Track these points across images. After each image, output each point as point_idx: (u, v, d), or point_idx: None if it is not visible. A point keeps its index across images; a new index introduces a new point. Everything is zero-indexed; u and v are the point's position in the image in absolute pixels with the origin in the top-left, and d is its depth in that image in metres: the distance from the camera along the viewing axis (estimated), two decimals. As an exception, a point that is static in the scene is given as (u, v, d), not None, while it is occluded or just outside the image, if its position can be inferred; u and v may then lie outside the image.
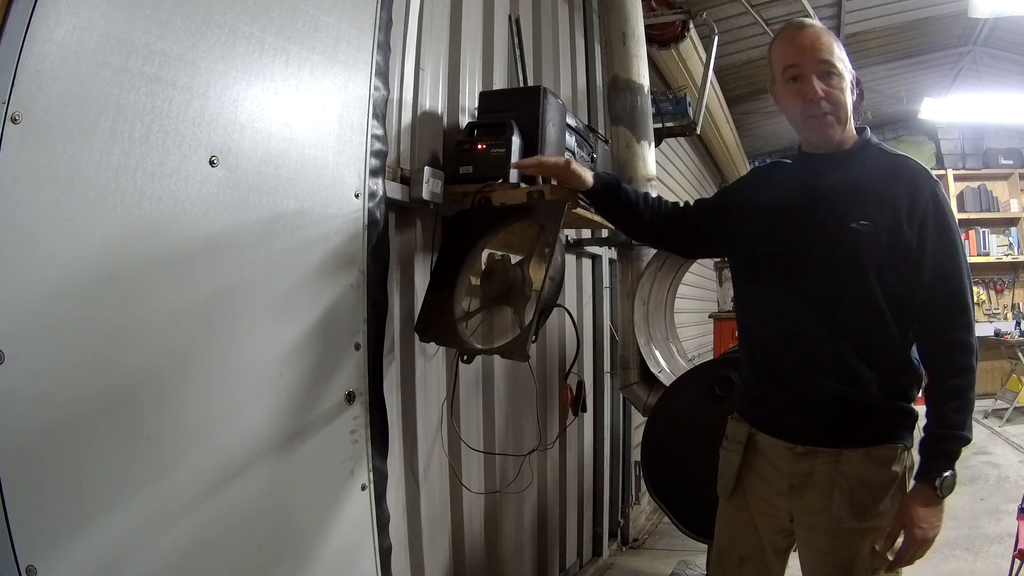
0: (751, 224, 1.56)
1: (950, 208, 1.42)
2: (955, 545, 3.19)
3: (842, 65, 1.43)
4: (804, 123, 1.47)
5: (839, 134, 1.46)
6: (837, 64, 1.42)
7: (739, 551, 1.55)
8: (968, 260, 1.43)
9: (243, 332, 1.37)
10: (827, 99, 1.42)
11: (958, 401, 1.34)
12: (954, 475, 1.35)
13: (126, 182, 1.14)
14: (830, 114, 1.43)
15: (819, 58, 1.41)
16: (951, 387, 1.35)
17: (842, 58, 1.44)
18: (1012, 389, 6.32)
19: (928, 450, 1.36)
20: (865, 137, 1.50)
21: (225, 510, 1.31)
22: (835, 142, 1.47)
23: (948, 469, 1.34)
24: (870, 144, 1.49)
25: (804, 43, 1.42)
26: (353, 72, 1.64)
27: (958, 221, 1.48)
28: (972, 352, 1.36)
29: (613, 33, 2.80)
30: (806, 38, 1.43)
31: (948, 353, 1.37)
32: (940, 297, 1.37)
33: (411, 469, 1.92)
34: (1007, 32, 5.73)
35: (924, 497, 1.35)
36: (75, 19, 1.06)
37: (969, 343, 1.36)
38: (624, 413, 3.62)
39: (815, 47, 1.42)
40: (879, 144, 1.50)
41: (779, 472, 1.46)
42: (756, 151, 7.63)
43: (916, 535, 1.35)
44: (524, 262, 1.84)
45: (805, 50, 1.42)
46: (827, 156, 1.48)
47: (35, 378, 1.01)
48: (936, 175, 1.45)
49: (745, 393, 1.59)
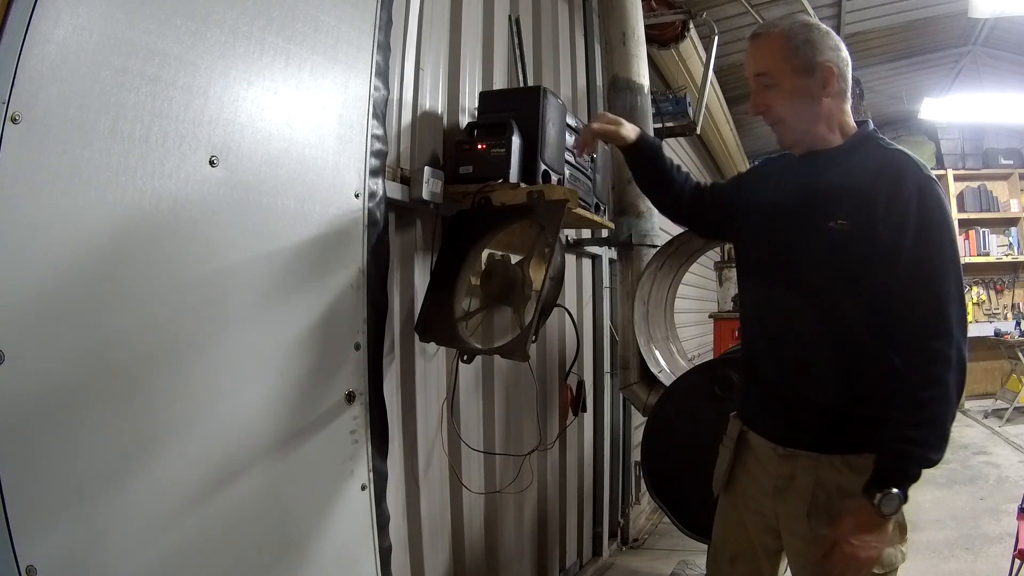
0: (748, 220, 1.55)
1: (941, 207, 1.30)
2: (955, 545, 3.19)
3: (783, 68, 1.38)
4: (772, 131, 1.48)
5: (803, 137, 1.43)
6: (774, 73, 1.39)
7: (731, 548, 1.55)
8: (959, 264, 1.29)
9: (243, 332, 1.37)
10: (768, 112, 1.42)
11: (920, 415, 1.22)
12: (902, 496, 1.22)
13: (126, 182, 1.14)
14: (779, 122, 1.43)
15: (753, 72, 1.43)
16: (915, 399, 1.23)
17: (789, 56, 1.37)
18: (1012, 389, 6.32)
19: (877, 463, 1.25)
20: (864, 131, 1.43)
21: (225, 510, 1.31)
22: (805, 144, 1.44)
23: (894, 487, 1.21)
24: (869, 139, 1.42)
25: (746, 57, 1.44)
26: (353, 72, 1.64)
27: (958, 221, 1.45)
28: (945, 363, 1.21)
29: (613, 33, 2.81)
30: (748, 52, 1.44)
31: (917, 363, 1.25)
32: (915, 301, 1.26)
33: (411, 469, 1.92)
34: (1007, 32, 5.73)
35: (861, 512, 1.24)
36: (75, 19, 1.06)
37: (943, 353, 1.22)
38: (624, 413, 3.62)
39: (750, 61, 1.43)
40: (879, 139, 1.42)
41: (766, 472, 1.45)
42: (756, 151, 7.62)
43: (844, 550, 1.24)
44: (524, 262, 1.84)
45: (747, 65, 1.44)
46: (821, 153, 1.44)
47: (35, 378, 1.01)
48: (936, 175, 1.38)
49: (741, 390, 1.61)
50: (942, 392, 1.21)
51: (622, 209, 2.81)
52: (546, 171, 2.02)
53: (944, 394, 1.21)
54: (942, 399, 1.22)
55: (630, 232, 2.83)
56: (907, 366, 1.27)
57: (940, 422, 1.22)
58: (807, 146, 1.45)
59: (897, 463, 1.23)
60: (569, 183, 2.17)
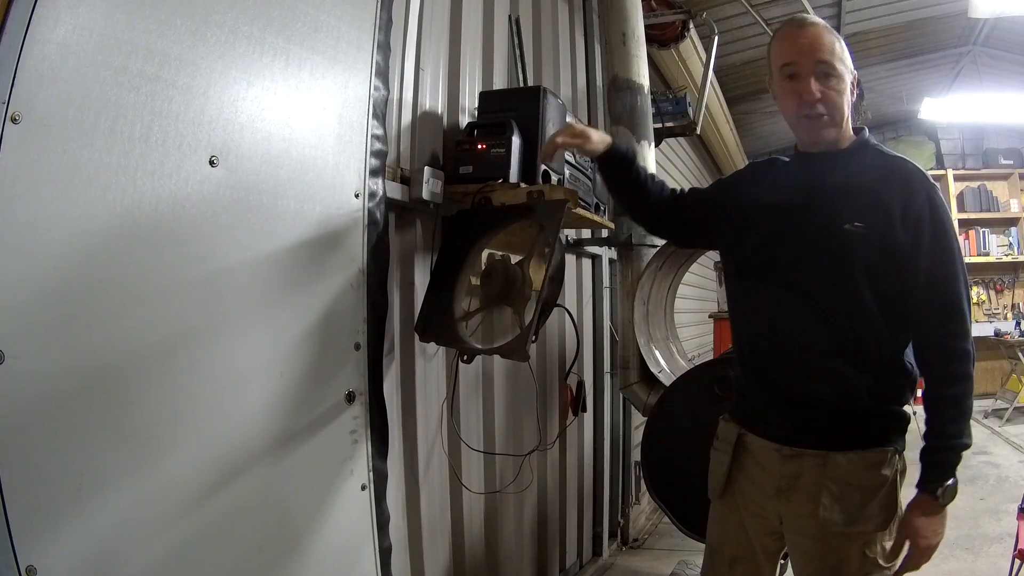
0: (744, 222, 1.54)
1: (947, 212, 1.40)
2: (955, 545, 3.18)
3: (842, 66, 1.41)
4: (798, 122, 1.45)
5: (833, 135, 1.44)
6: (836, 65, 1.40)
7: (729, 552, 1.55)
8: (965, 265, 1.40)
9: (243, 332, 1.37)
10: (823, 101, 1.40)
11: (954, 410, 1.34)
12: (955, 482, 1.34)
13: (126, 182, 1.14)
14: (825, 116, 1.41)
15: (817, 58, 1.39)
16: (947, 396, 1.34)
17: (843, 58, 1.41)
18: (1012, 389, 6.31)
19: (928, 461, 1.35)
20: (863, 137, 1.47)
21: (225, 510, 1.31)
22: (829, 142, 1.45)
23: (949, 478, 1.33)
24: (867, 145, 1.46)
25: (803, 42, 1.41)
26: (353, 72, 1.64)
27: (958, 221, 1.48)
28: (968, 359, 1.34)
29: (613, 33, 2.81)
30: (806, 36, 1.41)
31: (943, 361, 1.35)
32: (935, 302, 1.35)
33: (411, 469, 1.92)
34: (1007, 32, 5.73)
35: (926, 507, 1.35)
36: (75, 19, 1.06)
37: (965, 350, 1.34)
38: (624, 413, 3.62)
39: (814, 46, 1.40)
40: (877, 145, 1.48)
41: (767, 474, 1.45)
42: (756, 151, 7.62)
43: (921, 545, 1.35)
44: (524, 262, 1.84)
45: (803, 49, 1.40)
46: (823, 155, 1.46)
47: (35, 378, 1.01)
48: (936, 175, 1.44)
49: (737, 392, 1.59)
50: (970, 386, 1.34)
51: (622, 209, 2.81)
52: (546, 171, 2.02)
53: (971, 387, 1.34)
54: (970, 392, 1.35)
55: (630, 232, 2.84)
56: (932, 364, 1.37)
57: (970, 411, 1.36)
58: (831, 143, 1.45)
59: (949, 457, 1.34)
60: (569, 183, 2.18)
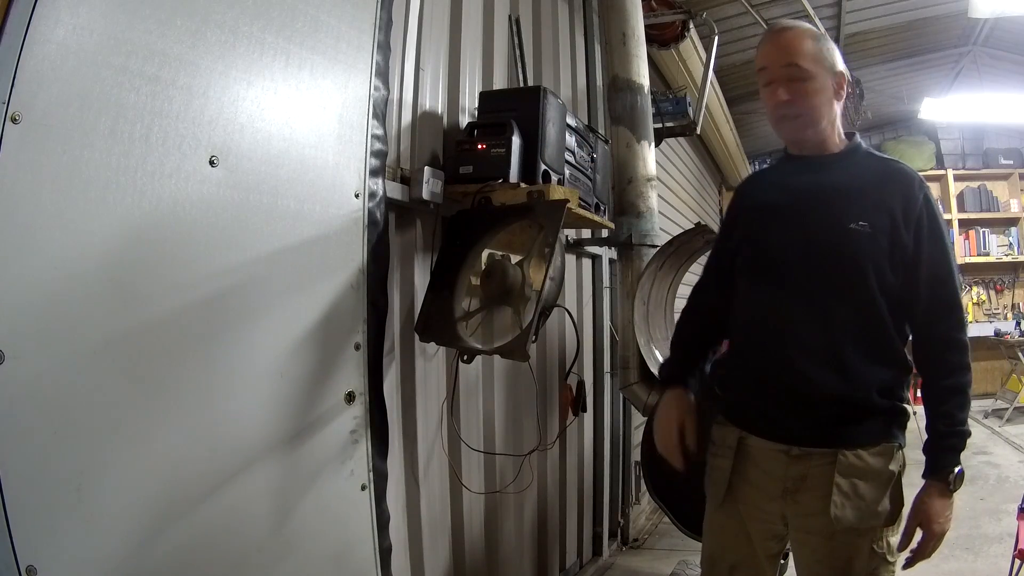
0: (747, 227, 1.57)
1: (940, 212, 1.48)
2: (955, 545, 3.18)
3: (816, 66, 1.43)
4: (777, 124, 1.50)
5: (814, 135, 1.48)
6: (806, 66, 1.42)
7: (730, 559, 1.54)
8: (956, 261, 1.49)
9: (243, 332, 1.37)
10: (793, 102, 1.44)
11: (960, 397, 1.39)
12: (963, 470, 1.39)
13: (126, 182, 1.14)
14: (801, 116, 1.45)
15: (785, 62, 1.44)
16: (952, 385, 1.40)
17: (819, 59, 1.44)
18: (1012, 389, 6.31)
19: (937, 447, 1.39)
20: (855, 142, 1.52)
21: (225, 510, 1.31)
22: (815, 143, 1.49)
23: (958, 464, 1.38)
24: (859, 149, 1.51)
25: (773, 47, 1.46)
26: (353, 72, 1.64)
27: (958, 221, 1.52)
28: (968, 350, 1.42)
29: (613, 33, 2.80)
30: (777, 42, 1.46)
31: (947, 352, 1.41)
32: (936, 299, 1.41)
33: (411, 469, 1.92)
34: (1007, 32, 5.73)
35: (939, 494, 1.38)
36: (75, 19, 1.06)
37: (964, 341, 1.42)
38: (624, 413, 3.62)
39: (784, 51, 1.44)
40: (869, 149, 1.54)
41: (771, 477, 1.45)
42: (756, 151, 7.62)
43: (935, 530, 1.38)
44: (524, 262, 1.84)
45: (772, 55, 1.46)
46: (816, 158, 1.50)
47: (35, 378, 1.01)
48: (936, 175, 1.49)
49: (735, 396, 1.57)
50: (971, 376, 1.42)
51: (622, 209, 2.81)
52: (546, 171, 2.02)
53: (970, 376, 1.42)
54: (971, 382, 1.42)
55: (630, 232, 2.83)
56: (935, 356, 1.43)
57: (970, 401, 1.42)
58: (814, 145, 1.49)
59: (958, 443, 1.39)
60: (569, 183, 2.18)
